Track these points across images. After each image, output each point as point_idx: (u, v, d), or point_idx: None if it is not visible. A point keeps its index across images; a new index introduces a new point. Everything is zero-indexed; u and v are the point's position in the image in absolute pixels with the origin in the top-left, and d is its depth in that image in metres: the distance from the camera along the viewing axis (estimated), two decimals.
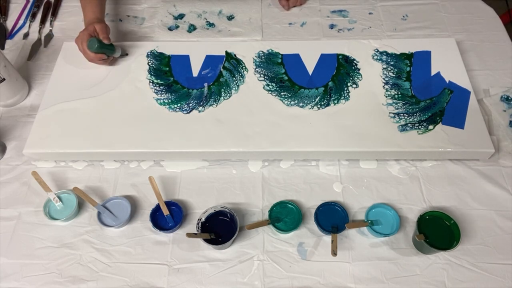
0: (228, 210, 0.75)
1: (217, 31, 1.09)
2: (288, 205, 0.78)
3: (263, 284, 0.72)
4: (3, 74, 0.88)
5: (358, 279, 0.72)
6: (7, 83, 0.89)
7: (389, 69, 0.94)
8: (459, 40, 1.03)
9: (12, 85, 0.92)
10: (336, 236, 0.73)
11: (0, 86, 0.89)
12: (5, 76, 0.88)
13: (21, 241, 0.77)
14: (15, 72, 0.93)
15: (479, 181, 0.83)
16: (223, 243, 0.72)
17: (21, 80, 0.95)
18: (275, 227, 0.75)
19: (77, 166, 0.86)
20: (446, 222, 0.74)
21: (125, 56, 0.98)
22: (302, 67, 0.95)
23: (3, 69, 0.88)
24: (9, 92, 0.92)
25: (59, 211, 0.79)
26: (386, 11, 1.13)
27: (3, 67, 0.88)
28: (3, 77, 0.88)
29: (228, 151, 0.83)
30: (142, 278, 0.73)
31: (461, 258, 0.74)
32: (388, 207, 0.77)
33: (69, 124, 0.86)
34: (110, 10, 1.15)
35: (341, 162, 0.86)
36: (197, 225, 0.74)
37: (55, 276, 0.73)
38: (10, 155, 0.88)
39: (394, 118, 0.86)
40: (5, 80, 0.88)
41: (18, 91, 0.95)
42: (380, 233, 0.74)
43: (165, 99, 0.90)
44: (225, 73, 0.94)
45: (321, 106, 0.88)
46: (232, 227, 0.74)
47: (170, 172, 0.85)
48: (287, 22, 1.11)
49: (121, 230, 0.78)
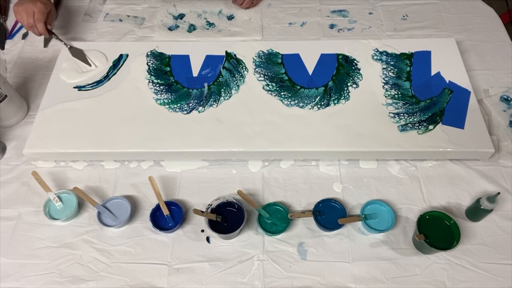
0: (236, 201, 0.76)
1: (217, 31, 1.09)
2: (277, 206, 0.78)
3: (263, 284, 0.72)
4: (4, 90, 0.84)
5: (358, 279, 0.72)
6: (9, 100, 0.86)
7: (389, 69, 0.94)
8: (459, 40, 1.03)
9: (14, 102, 0.88)
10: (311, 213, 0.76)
11: (2, 105, 0.85)
12: (6, 93, 0.85)
13: (21, 241, 0.77)
14: (13, 89, 0.89)
15: (479, 181, 0.83)
16: (229, 232, 0.73)
17: (19, 97, 0.92)
18: (264, 229, 0.76)
19: (77, 166, 0.86)
20: (446, 222, 0.74)
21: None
22: (302, 67, 0.95)
23: (3, 85, 0.84)
24: (11, 109, 0.88)
25: (59, 211, 0.79)
26: (386, 11, 1.13)
27: (2, 83, 0.84)
28: (5, 94, 0.84)
29: (228, 151, 0.83)
30: (142, 278, 0.73)
31: (461, 258, 0.74)
32: (383, 203, 0.77)
33: (69, 124, 0.86)
34: (110, 10, 1.15)
35: (341, 162, 0.86)
36: (206, 210, 0.75)
37: (55, 276, 0.73)
38: (10, 155, 0.88)
39: (394, 118, 0.86)
40: (7, 98, 0.85)
41: (20, 108, 0.91)
42: (375, 229, 0.75)
43: (165, 99, 0.90)
44: (225, 73, 0.94)
45: (321, 106, 0.88)
46: (239, 220, 0.74)
47: (170, 172, 0.85)
48: (287, 22, 1.11)
49: (121, 230, 0.78)
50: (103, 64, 0.95)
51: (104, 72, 0.94)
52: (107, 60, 0.96)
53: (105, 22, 1.12)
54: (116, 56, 0.97)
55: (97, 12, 1.15)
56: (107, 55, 0.97)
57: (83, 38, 1.08)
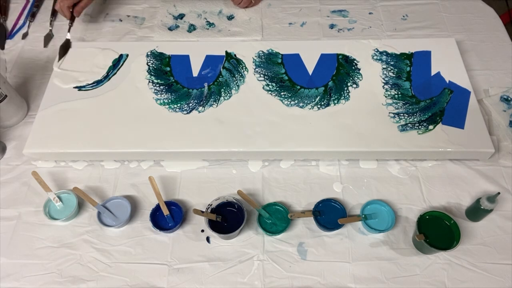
0: (236, 201, 0.76)
1: (217, 31, 1.09)
2: (277, 206, 0.78)
3: (263, 284, 0.72)
4: (4, 90, 0.84)
5: (358, 279, 0.72)
6: (9, 100, 0.86)
7: (389, 69, 0.94)
8: (459, 40, 1.03)
9: (13, 102, 0.88)
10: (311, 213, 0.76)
11: (2, 105, 0.85)
12: (6, 93, 0.85)
13: (21, 241, 0.77)
14: (13, 89, 0.89)
15: (479, 181, 0.83)
16: (229, 232, 0.73)
17: (19, 97, 0.91)
18: (264, 229, 0.76)
19: (77, 166, 0.86)
20: (446, 222, 0.74)
21: None
22: (302, 67, 0.95)
23: (3, 85, 0.84)
24: (11, 109, 0.88)
25: (59, 211, 0.79)
26: (386, 11, 1.13)
27: (2, 83, 0.84)
28: (5, 94, 0.84)
29: (228, 151, 0.83)
30: (142, 278, 0.73)
31: (461, 258, 0.74)
32: (383, 203, 0.77)
33: (69, 124, 0.86)
34: (110, 10, 1.15)
35: (341, 162, 0.86)
36: (206, 210, 0.75)
37: (55, 276, 0.73)
38: (10, 155, 0.88)
39: (394, 118, 0.86)
40: (7, 97, 0.84)
41: (20, 108, 0.91)
42: (375, 228, 0.75)
43: (165, 99, 0.90)
44: (225, 73, 0.94)
45: (321, 106, 0.88)
46: (239, 220, 0.74)
47: (170, 172, 0.85)
48: (287, 22, 1.11)
49: (121, 230, 0.78)
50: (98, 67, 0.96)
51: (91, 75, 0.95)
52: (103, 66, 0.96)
53: (105, 22, 1.12)
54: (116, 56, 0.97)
55: (97, 12, 1.15)
56: (107, 55, 0.98)
57: (83, 38, 1.08)
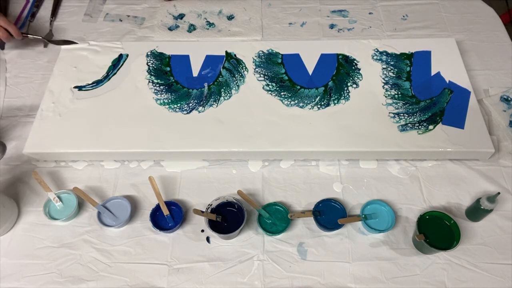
0: (236, 201, 0.76)
1: (217, 31, 1.09)
2: (277, 206, 0.78)
3: (263, 284, 0.72)
4: None
5: (358, 279, 0.72)
6: None
7: (389, 69, 0.94)
8: (459, 40, 1.02)
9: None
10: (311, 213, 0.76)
11: None
12: None
13: (21, 241, 0.77)
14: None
15: (479, 181, 0.83)
16: (229, 232, 0.73)
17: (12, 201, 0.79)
18: (264, 229, 0.76)
19: (77, 166, 0.86)
20: (446, 222, 0.74)
21: None
22: (302, 67, 0.95)
23: None
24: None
25: (59, 211, 0.79)
26: (386, 11, 1.13)
27: None
28: None
29: (228, 151, 0.83)
30: (142, 278, 0.73)
31: (461, 258, 0.74)
32: (383, 203, 0.77)
33: (69, 124, 0.86)
34: (110, 10, 1.15)
35: (341, 162, 0.86)
36: (206, 210, 0.75)
37: (55, 276, 0.73)
38: (10, 155, 0.88)
39: (394, 118, 0.86)
40: None
41: (7, 218, 0.76)
42: (375, 229, 0.75)
43: (165, 99, 0.90)
44: (225, 73, 0.94)
45: (321, 106, 0.88)
46: (239, 220, 0.75)
47: (170, 172, 0.85)
48: (287, 22, 1.11)
49: (121, 230, 0.78)
50: None
51: None
52: None
53: (105, 22, 1.12)
54: (116, 56, 0.97)
55: (97, 12, 1.15)
56: (107, 55, 0.98)
57: (83, 38, 1.08)
